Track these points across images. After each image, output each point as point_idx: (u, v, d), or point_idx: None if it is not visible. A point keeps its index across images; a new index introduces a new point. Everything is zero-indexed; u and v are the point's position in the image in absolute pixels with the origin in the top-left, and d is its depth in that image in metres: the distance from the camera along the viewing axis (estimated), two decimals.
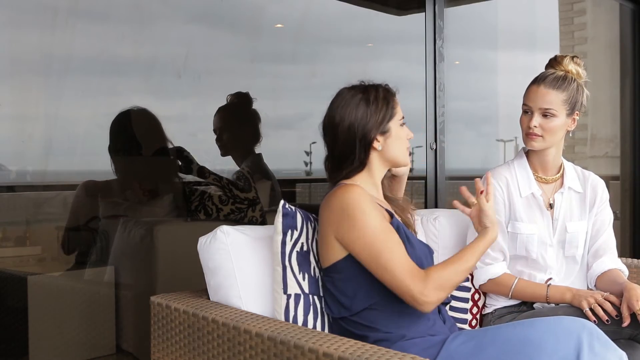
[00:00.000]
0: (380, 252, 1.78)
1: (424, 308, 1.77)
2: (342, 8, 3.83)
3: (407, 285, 1.75)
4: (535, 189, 2.33)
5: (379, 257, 1.78)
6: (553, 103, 2.24)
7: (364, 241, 1.78)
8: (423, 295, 1.75)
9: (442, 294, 1.77)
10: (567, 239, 2.34)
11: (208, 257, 1.94)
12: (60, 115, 2.82)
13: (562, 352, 1.65)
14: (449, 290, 1.80)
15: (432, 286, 1.76)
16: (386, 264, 1.77)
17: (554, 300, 2.21)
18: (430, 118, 3.36)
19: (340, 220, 1.81)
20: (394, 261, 1.77)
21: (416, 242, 1.93)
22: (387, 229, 1.82)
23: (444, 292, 1.78)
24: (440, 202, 3.40)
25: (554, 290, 2.22)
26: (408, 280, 1.75)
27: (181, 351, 1.88)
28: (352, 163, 1.90)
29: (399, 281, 1.76)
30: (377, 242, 1.78)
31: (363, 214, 1.79)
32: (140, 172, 3.05)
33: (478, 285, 2.33)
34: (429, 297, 1.75)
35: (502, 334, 1.75)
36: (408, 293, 1.76)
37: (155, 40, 3.16)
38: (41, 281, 2.72)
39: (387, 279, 1.78)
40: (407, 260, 1.78)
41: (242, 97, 3.39)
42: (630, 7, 5.05)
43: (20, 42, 2.71)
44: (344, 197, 1.82)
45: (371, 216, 1.80)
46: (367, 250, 1.79)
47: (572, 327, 1.71)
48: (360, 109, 1.88)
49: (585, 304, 2.09)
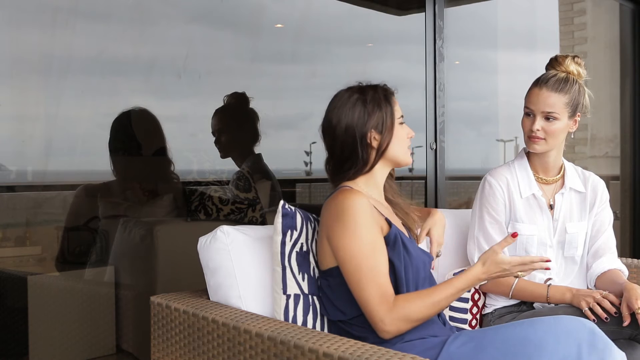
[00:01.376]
0: (360, 268, 1.77)
1: (383, 335, 1.77)
2: (342, 8, 3.83)
3: (372, 309, 1.75)
4: (536, 189, 2.33)
5: (357, 272, 1.77)
6: (555, 106, 2.23)
7: (349, 252, 1.78)
8: (383, 323, 1.74)
9: (405, 325, 1.75)
10: (567, 239, 2.34)
11: (208, 257, 1.95)
12: (60, 115, 2.82)
13: (562, 352, 1.65)
14: (415, 323, 1.77)
15: (396, 316, 1.74)
16: (360, 281, 1.77)
17: (554, 300, 2.21)
18: (430, 118, 3.36)
19: (334, 225, 1.81)
20: (370, 282, 1.76)
21: (415, 250, 1.90)
22: (376, 247, 1.80)
23: (408, 324, 1.76)
24: (440, 202, 3.40)
25: (554, 291, 2.22)
26: (375, 304, 1.75)
27: (181, 351, 1.88)
28: (356, 164, 1.89)
29: (366, 302, 1.76)
30: (360, 256, 1.77)
31: (356, 224, 1.78)
32: (140, 172, 3.05)
33: (479, 285, 2.32)
34: (387, 327, 1.74)
35: (501, 334, 1.74)
36: (370, 316, 1.76)
37: (156, 40, 3.16)
38: (41, 281, 2.72)
39: (357, 295, 1.78)
40: (383, 284, 1.77)
41: (238, 97, 3.39)
42: (630, 7, 5.05)
43: (20, 42, 2.71)
44: (343, 202, 1.81)
45: (364, 228, 1.78)
46: (349, 262, 1.78)
47: (572, 327, 1.71)
48: (356, 109, 1.88)
49: (584, 304, 2.09)
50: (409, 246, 1.87)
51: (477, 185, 2.41)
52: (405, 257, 1.84)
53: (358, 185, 1.91)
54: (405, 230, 1.99)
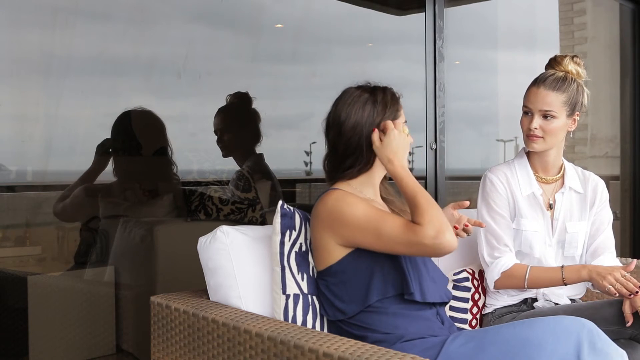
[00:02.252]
0: (379, 228, 1.77)
1: (438, 248, 1.72)
2: (342, 8, 3.83)
3: (416, 234, 1.72)
4: (536, 188, 2.33)
5: (380, 233, 1.77)
6: (553, 105, 2.24)
7: (361, 227, 1.79)
8: (431, 234, 1.71)
9: (437, 226, 1.71)
10: (567, 239, 2.34)
11: (208, 257, 1.95)
12: (60, 115, 2.82)
13: (561, 351, 1.65)
14: (441, 219, 1.73)
15: (427, 221, 1.72)
16: (389, 234, 1.76)
17: (570, 281, 2.19)
18: (430, 118, 3.36)
19: (333, 223, 1.82)
20: (394, 229, 1.75)
21: None
22: (375, 208, 1.82)
23: (437, 222, 1.72)
24: (440, 202, 3.40)
25: (568, 271, 2.19)
26: (410, 234, 1.73)
27: (181, 351, 1.88)
28: (359, 162, 1.90)
29: (406, 239, 1.74)
30: (371, 220, 1.78)
31: (349, 206, 1.80)
32: (141, 172, 3.05)
33: (493, 283, 2.31)
34: (431, 236, 1.71)
35: (501, 334, 1.74)
36: (419, 244, 1.73)
37: (156, 40, 3.16)
38: (41, 281, 2.72)
39: (399, 249, 1.77)
40: (400, 221, 1.77)
41: (241, 97, 3.39)
42: (630, 7, 5.05)
43: (20, 42, 2.71)
44: (327, 202, 1.84)
45: (357, 205, 1.81)
46: (368, 233, 1.78)
47: (571, 326, 1.71)
48: (366, 108, 1.90)
49: (607, 283, 2.07)
50: None
51: (477, 185, 2.41)
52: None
53: (352, 185, 1.92)
54: None
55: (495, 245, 2.29)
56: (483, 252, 2.32)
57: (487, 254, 2.30)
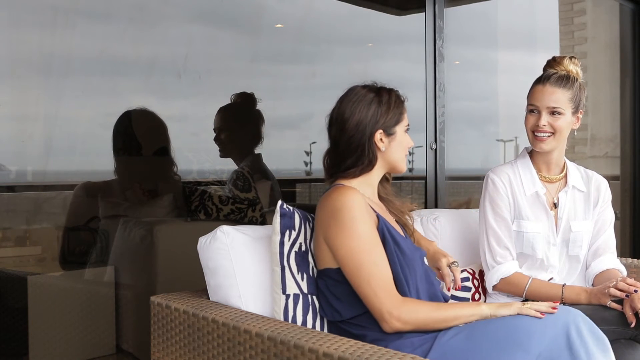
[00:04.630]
0: (362, 264, 1.78)
1: (386, 326, 1.77)
2: (343, 8, 3.83)
3: (379, 303, 1.76)
4: (540, 187, 2.34)
5: (360, 269, 1.78)
6: (560, 101, 2.25)
7: (349, 250, 1.79)
8: (390, 316, 1.75)
9: (408, 325, 1.76)
10: (572, 238, 2.34)
11: (208, 257, 1.94)
12: (60, 115, 2.82)
13: (550, 334, 1.69)
14: (415, 326, 1.77)
15: (405, 313, 1.75)
16: (363, 277, 1.78)
17: (569, 300, 2.20)
18: (430, 118, 3.36)
19: (330, 224, 1.81)
20: (373, 277, 1.77)
21: (406, 246, 1.91)
22: (373, 241, 1.81)
23: (409, 325, 1.76)
24: (440, 202, 3.40)
25: (568, 291, 2.21)
26: (382, 297, 1.76)
27: (181, 351, 1.88)
28: (361, 161, 1.90)
29: (372, 297, 1.77)
30: (361, 252, 1.78)
31: (353, 220, 1.79)
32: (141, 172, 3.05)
33: (491, 286, 2.31)
34: (394, 321, 1.75)
35: (492, 323, 1.77)
36: (377, 310, 1.76)
37: (156, 40, 3.16)
38: (41, 281, 2.72)
39: (362, 291, 1.79)
40: (386, 278, 1.79)
41: (245, 97, 3.39)
42: (630, 7, 5.05)
43: (21, 42, 2.71)
44: (338, 199, 1.82)
45: (361, 222, 1.80)
46: (350, 260, 1.79)
47: (558, 313, 1.76)
48: (371, 107, 1.90)
49: (606, 299, 2.09)
50: (400, 242, 1.88)
51: (478, 186, 2.41)
52: (397, 253, 1.84)
53: (351, 184, 1.92)
54: (399, 228, 2.00)
55: (495, 248, 2.29)
56: (485, 254, 2.32)
57: (488, 257, 2.31)
